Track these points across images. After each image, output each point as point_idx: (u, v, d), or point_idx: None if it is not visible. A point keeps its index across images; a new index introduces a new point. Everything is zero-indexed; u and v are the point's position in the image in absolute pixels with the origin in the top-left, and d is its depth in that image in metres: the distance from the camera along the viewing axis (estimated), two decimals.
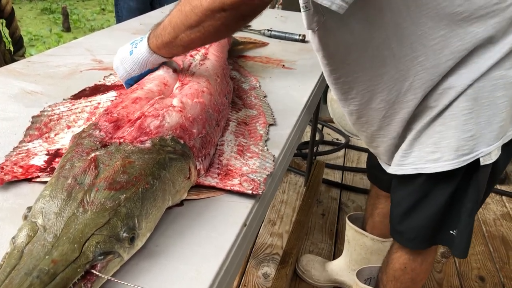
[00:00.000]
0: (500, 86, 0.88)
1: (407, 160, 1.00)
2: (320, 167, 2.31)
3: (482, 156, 0.93)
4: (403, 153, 1.00)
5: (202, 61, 1.00)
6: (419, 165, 0.98)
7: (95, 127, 0.68)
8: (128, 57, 0.93)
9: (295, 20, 1.85)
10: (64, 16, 5.42)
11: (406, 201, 1.07)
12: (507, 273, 1.91)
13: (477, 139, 0.92)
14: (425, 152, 0.96)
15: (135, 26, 1.64)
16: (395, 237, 1.18)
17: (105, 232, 0.51)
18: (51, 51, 1.32)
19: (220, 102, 0.88)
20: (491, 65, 0.86)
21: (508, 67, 0.87)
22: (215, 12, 0.77)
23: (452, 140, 0.92)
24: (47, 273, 0.45)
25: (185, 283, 0.55)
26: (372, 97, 0.95)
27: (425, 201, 1.04)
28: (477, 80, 0.87)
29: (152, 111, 0.71)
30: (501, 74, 0.87)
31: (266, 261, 1.86)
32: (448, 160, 0.94)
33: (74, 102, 0.91)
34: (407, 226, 1.10)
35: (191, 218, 0.66)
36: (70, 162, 0.60)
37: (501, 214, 2.29)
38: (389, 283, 1.27)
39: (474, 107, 0.89)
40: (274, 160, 0.80)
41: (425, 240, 1.10)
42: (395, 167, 1.03)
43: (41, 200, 0.53)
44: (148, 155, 0.62)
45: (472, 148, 0.92)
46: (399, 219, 1.12)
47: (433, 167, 0.96)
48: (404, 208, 1.09)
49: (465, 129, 0.91)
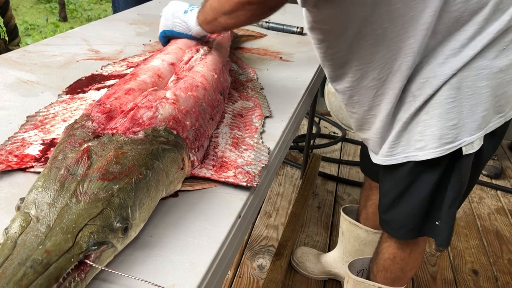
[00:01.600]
0: (483, 76, 0.89)
1: (396, 150, 1.02)
2: (317, 160, 2.31)
3: (465, 145, 0.95)
4: (391, 145, 1.02)
5: (204, 55, 1.00)
6: (409, 153, 1.00)
7: (87, 118, 0.68)
8: (181, 14, 1.09)
9: (293, 12, 1.84)
10: (60, 6, 5.37)
11: (393, 191, 1.10)
12: (500, 267, 1.93)
13: (460, 128, 0.93)
14: (413, 140, 0.98)
15: (133, 17, 1.63)
16: (383, 227, 1.20)
17: (98, 222, 0.51)
18: (47, 41, 1.31)
19: (214, 98, 0.88)
20: (474, 54, 0.87)
21: (492, 57, 0.88)
22: (245, 4, 0.91)
23: (435, 128, 0.94)
24: (40, 263, 0.45)
25: (179, 274, 0.55)
26: (364, 75, 0.97)
27: (410, 190, 1.06)
28: (461, 70, 0.88)
29: (145, 102, 0.71)
30: (484, 64, 0.88)
31: (261, 253, 1.87)
32: (432, 149, 0.96)
33: (69, 102, 0.91)
34: (393, 216, 1.13)
35: (185, 209, 0.66)
36: (62, 153, 0.60)
37: (495, 209, 2.31)
38: (379, 273, 1.29)
39: (457, 96, 0.90)
40: (269, 153, 0.80)
41: (411, 230, 1.12)
42: (384, 158, 1.06)
43: (34, 191, 0.53)
44: (141, 145, 0.62)
45: (455, 137, 0.94)
46: (386, 209, 1.14)
47: (419, 155, 0.98)
48: (391, 198, 1.11)
49: (448, 117, 0.92)
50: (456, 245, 2.04)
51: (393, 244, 1.22)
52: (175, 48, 1.03)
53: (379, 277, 1.29)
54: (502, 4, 0.84)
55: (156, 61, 0.92)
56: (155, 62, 0.92)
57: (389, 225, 1.17)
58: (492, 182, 2.52)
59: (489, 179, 2.55)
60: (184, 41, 1.09)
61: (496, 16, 0.85)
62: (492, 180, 2.54)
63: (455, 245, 2.03)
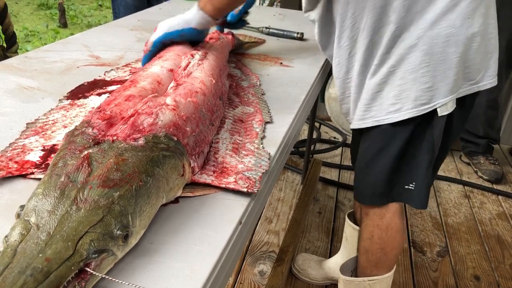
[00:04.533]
0: (452, 43, 0.99)
1: (368, 114, 1.10)
2: (317, 165, 2.31)
3: (439, 106, 1.04)
4: (365, 108, 1.10)
5: (200, 60, 1.00)
6: (380, 117, 1.08)
7: (87, 124, 0.68)
8: (177, 16, 1.08)
9: (293, 18, 1.85)
10: (60, 12, 5.39)
11: (366, 154, 1.17)
12: (502, 272, 1.92)
13: (434, 91, 1.02)
14: (386, 105, 1.06)
15: (133, 23, 1.63)
16: (357, 198, 1.27)
17: (98, 230, 0.50)
18: (48, 47, 1.31)
19: (214, 103, 0.88)
20: (435, 17, 0.97)
21: (458, 25, 0.97)
22: None
23: (411, 92, 1.03)
24: (40, 271, 0.44)
25: (180, 281, 0.55)
26: (340, 34, 1.10)
27: (381, 153, 1.13)
28: (428, 34, 0.99)
29: (146, 109, 0.71)
30: (452, 31, 0.98)
31: (262, 259, 1.86)
32: (408, 110, 1.04)
33: (69, 109, 0.91)
34: (364, 183, 1.20)
35: (186, 216, 0.66)
36: (63, 160, 0.59)
37: (497, 214, 2.30)
38: (362, 256, 1.33)
39: (430, 62, 1.00)
40: (269, 158, 0.80)
41: (381, 195, 1.18)
42: (357, 122, 1.14)
43: (34, 199, 0.53)
44: (141, 152, 0.62)
45: (430, 99, 1.03)
46: (357, 176, 1.22)
47: (394, 117, 1.06)
48: (363, 162, 1.18)
49: (422, 81, 1.02)
50: (457, 250, 2.03)
51: (369, 223, 1.27)
52: (173, 54, 1.03)
53: (362, 261, 1.33)
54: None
55: (155, 68, 0.92)
56: (154, 69, 0.92)
57: (359, 193, 1.23)
58: (493, 187, 2.52)
59: (490, 184, 2.54)
60: (180, 48, 1.07)
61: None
62: (493, 185, 2.54)
63: (456, 251, 2.03)
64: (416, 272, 1.89)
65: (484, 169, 2.58)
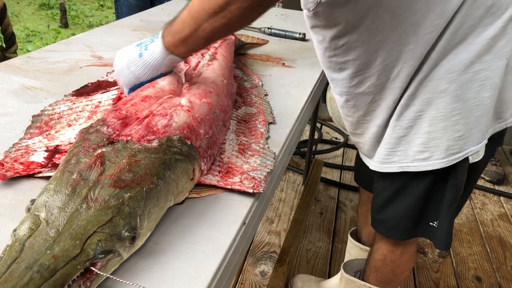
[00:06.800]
0: (487, 87, 0.89)
1: (392, 159, 1.01)
2: (319, 165, 2.31)
3: (471, 154, 0.96)
4: (388, 151, 1.01)
5: (210, 61, 1.00)
6: (406, 163, 0.99)
7: (103, 123, 0.68)
8: (137, 60, 0.85)
9: (295, 18, 1.84)
10: (62, 12, 5.39)
11: (387, 191, 1.09)
12: (503, 273, 1.92)
13: (466, 139, 0.94)
14: (412, 151, 0.97)
15: (135, 23, 1.63)
16: (376, 227, 1.19)
17: (107, 230, 0.51)
18: (51, 47, 1.31)
19: (226, 104, 0.88)
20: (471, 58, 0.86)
21: (494, 67, 0.87)
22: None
23: (441, 140, 0.94)
24: (47, 268, 0.45)
25: (185, 281, 0.55)
26: (362, 81, 0.95)
27: (404, 191, 1.06)
28: (460, 78, 0.87)
29: (160, 110, 0.71)
30: (487, 74, 0.87)
31: (263, 259, 1.86)
32: (438, 159, 0.96)
33: (75, 101, 0.91)
34: (386, 216, 1.13)
35: (191, 217, 0.66)
36: (76, 157, 0.59)
37: (498, 215, 2.30)
38: (371, 274, 1.29)
39: (463, 108, 0.90)
40: (274, 158, 0.80)
41: (404, 230, 1.12)
42: (380, 165, 1.05)
43: (45, 194, 0.53)
44: (154, 154, 0.62)
45: (461, 147, 0.95)
46: (379, 209, 1.14)
47: (423, 165, 0.98)
48: (384, 197, 1.11)
49: (454, 129, 0.92)
50: (459, 251, 2.03)
51: (383, 246, 1.22)
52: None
53: (371, 278, 1.30)
54: (495, 8, 0.84)
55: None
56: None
57: (381, 225, 1.17)
58: (494, 188, 2.51)
59: (491, 185, 2.54)
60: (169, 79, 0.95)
61: (489, 21, 0.84)
62: (495, 186, 2.54)
63: (458, 252, 2.02)
64: (418, 273, 1.89)
65: (486, 170, 2.58)
